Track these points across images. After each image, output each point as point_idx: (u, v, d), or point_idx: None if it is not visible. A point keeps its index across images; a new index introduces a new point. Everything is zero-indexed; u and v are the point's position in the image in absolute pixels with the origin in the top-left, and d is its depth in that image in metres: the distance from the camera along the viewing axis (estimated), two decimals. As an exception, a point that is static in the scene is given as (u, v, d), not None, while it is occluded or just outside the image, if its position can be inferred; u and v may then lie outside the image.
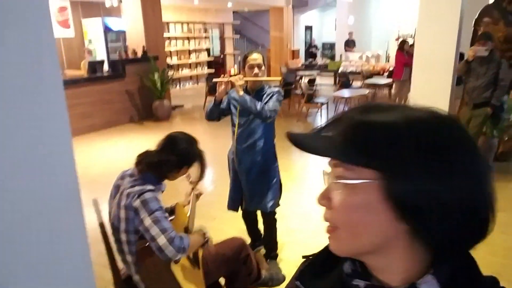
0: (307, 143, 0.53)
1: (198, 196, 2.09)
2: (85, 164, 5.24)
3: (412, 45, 7.67)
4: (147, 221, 1.54)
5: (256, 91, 2.51)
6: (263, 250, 2.93)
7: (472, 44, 5.12)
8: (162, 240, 1.51)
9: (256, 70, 2.44)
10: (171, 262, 1.58)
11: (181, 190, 2.23)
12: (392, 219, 0.48)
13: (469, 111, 4.26)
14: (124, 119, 7.52)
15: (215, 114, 2.56)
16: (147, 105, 7.83)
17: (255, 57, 2.44)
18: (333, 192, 0.52)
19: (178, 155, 1.75)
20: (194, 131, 2.67)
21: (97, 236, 1.73)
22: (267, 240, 2.83)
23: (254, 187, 2.59)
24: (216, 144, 6.53)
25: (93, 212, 1.76)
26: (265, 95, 2.48)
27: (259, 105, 2.36)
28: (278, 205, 2.69)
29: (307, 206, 3.80)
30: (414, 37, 6.69)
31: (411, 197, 0.47)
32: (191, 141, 1.84)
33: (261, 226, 2.93)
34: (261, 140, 2.56)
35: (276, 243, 2.84)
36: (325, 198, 0.53)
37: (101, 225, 1.65)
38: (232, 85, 2.44)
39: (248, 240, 2.96)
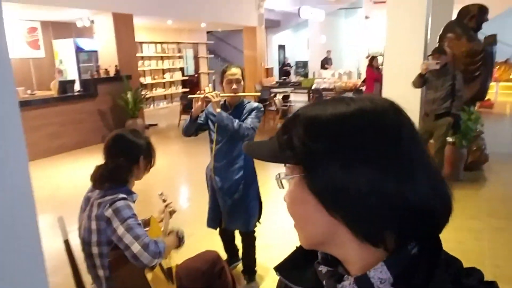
0: (252, 150, 0.58)
1: (171, 213, 2.02)
2: (54, 186, 5.04)
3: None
4: (120, 230, 1.48)
5: (235, 106, 2.45)
6: (240, 266, 2.86)
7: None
8: (136, 247, 1.45)
9: (234, 85, 2.37)
10: (145, 274, 1.50)
11: (155, 206, 2.16)
12: (323, 211, 0.49)
13: (432, 122, 4.39)
14: (96, 139, 7.32)
15: (192, 130, 2.49)
16: (120, 124, 7.68)
17: (234, 72, 2.38)
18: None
19: (124, 155, 1.69)
20: (169, 150, 2.65)
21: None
22: (246, 258, 2.75)
23: (233, 206, 2.51)
24: (192, 162, 6.46)
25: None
26: (244, 111, 2.43)
27: (236, 123, 2.30)
28: (258, 223, 2.63)
29: (283, 221, 3.77)
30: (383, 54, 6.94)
31: (327, 190, 0.48)
32: (132, 134, 1.77)
33: (238, 242, 2.87)
34: (240, 157, 2.49)
35: (255, 260, 2.76)
36: (285, 196, 0.55)
37: (66, 242, 1.57)
38: (208, 101, 2.38)
39: (223, 255, 2.89)
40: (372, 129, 0.48)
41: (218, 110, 2.31)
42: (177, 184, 5.35)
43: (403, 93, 4.55)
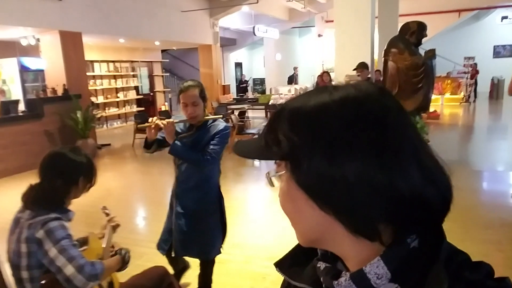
0: (239, 149, 0.55)
1: (114, 228, 1.92)
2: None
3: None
4: (53, 252, 1.37)
5: (198, 127, 2.21)
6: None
7: (384, 71, 5.61)
8: (69, 269, 1.34)
9: (189, 109, 2.11)
10: None
11: (98, 221, 2.03)
12: (315, 207, 0.48)
13: None
14: (43, 162, 6.95)
15: (151, 150, 2.24)
16: (69, 145, 7.34)
17: (190, 94, 2.10)
18: None
19: (63, 176, 1.56)
20: (124, 170, 2.54)
21: None
22: (201, 281, 2.54)
23: (188, 233, 2.29)
24: (147, 181, 6.26)
25: None
26: (208, 132, 2.19)
27: (193, 156, 2.11)
28: (219, 251, 2.43)
29: (238, 236, 3.71)
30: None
31: (315, 184, 0.46)
32: (72, 152, 1.63)
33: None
34: (204, 182, 2.28)
35: (210, 283, 2.58)
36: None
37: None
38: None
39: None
40: (355, 117, 0.45)
41: (171, 141, 2.10)
42: (132, 205, 5.15)
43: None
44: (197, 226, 2.29)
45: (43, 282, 1.37)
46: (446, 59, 14.48)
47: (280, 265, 0.61)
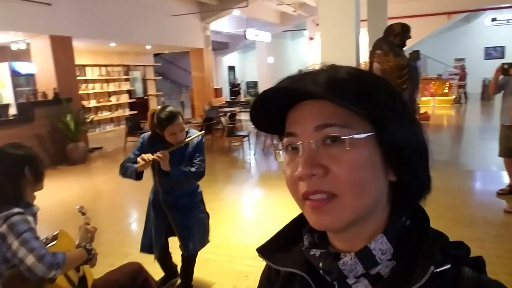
0: (301, 87, 0.49)
1: (89, 229, 1.91)
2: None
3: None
4: (15, 245, 1.41)
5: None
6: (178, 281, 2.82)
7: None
8: (30, 259, 1.39)
9: (179, 135, 2.31)
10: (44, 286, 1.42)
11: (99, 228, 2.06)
12: (384, 172, 0.50)
13: None
14: (34, 166, 6.96)
15: (141, 178, 2.39)
16: (60, 149, 7.34)
17: (178, 123, 2.28)
18: (329, 156, 0.48)
19: (5, 172, 1.58)
20: (115, 173, 2.58)
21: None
22: (184, 274, 2.72)
23: (186, 231, 2.51)
24: (137, 184, 6.27)
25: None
26: (188, 145, 2.40)
27: (191, 173, 2.33)
28: (203, 245, 2.64)
29: (222, 235, 3.75)
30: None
31: (399, 144, 0.49)
32: (11, 147, 1.64)
33: (175, 259, 2.84)
34: (187, 184, 2.50)
35: (192, 274, 2.74)
36: (318, 167, 0.48)
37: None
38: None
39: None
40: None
41: (168, 168, 2.29)
42: (122, 207, 5.17)
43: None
44: (190, 226, 2.50)
45: (6, 273, 1.41)
46: (437, 61, 14.62)
47: (263, 251, 0.61)
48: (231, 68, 19.08)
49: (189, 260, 2.65)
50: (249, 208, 4.77)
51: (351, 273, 0.50)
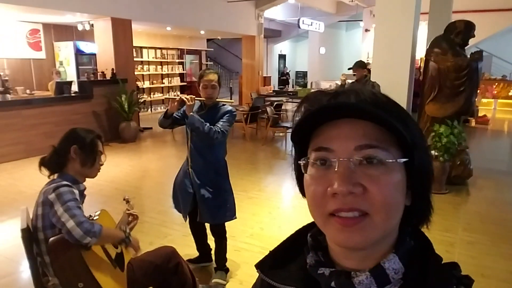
0: (367, 107, 0.51)
1: (132, 219, 2.03)
2: (42, 183, 5.13)
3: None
4: (60, 211, 1.59)
5: (210, 107, 2.60)
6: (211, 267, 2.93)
7: (424, 72, 5.43)
8: (70, 223, 1.55)
9: (209, 90, 2.52)
10: (83, 258, 1.57)
11: (145, 207, 2.21)
12: (403, 198, 0.52)
13: None
14: (90, 141, 7.45)
15: (166, 124, 2.63)
16: (114, 126, 7.79)
17: (210, 78, 2.52)
18: (367, 176, 0.49)
19: (60, 142, 1.84)
20: (162, 153, 2.75)
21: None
22: (217, 256, 2.84)
23: (208, 201, 2.63)
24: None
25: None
26: (218, 113, 2.57)
27: (206, 127, 2.44)
28: (232, 217, 2.74)
29: (257, 226, 3.82)
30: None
31: (423, 170, 0.53)
32: (82, 130, 1.90)
33: (210, 241, 2.95)
34: (213, 154, 2.63)
35: (224, 255, 2.85)
36: (358, 185, 0.49)
37: (23, 231, 1.64)
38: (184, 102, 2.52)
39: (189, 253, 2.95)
40: None
41: (190, 113, 2.46)
42: (165, 187, 5.40)
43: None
44: (213, 194, 2.62)
45: (50, 240, 1.58)
46: (504, 60, 13.58)
47: (261, 266, 0.62)
48: (282, 57, 18.96)
49: (218, 230, 2.77)
50: (287, 201, 4.81)
51: None
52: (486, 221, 4.04)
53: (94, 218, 1.74)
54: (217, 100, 2.62)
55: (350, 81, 8.77)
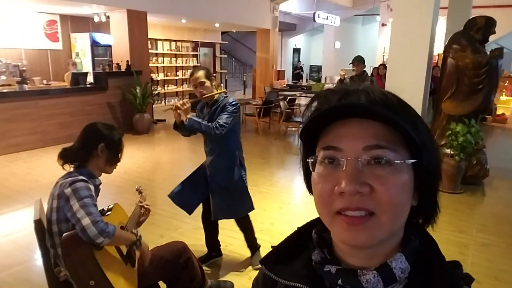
0: (365, 107, 0.51)
1: (144, 212, 2.04)
2: (57, 173, 5.22)
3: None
4: (75, 206, 1.60)
5: (211, 104, 2.62)
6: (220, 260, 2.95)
7: (442, 68, 5.32)
8: (86, 221, 1.55)
9: (199, 88, 2.54)
10: (94, 255, 1.58)
11: (157, 199, 2.23)
12: (410, 198, 0.53)
13: None
14: (104, 132, 7.53)
15: (183, 133, 2.68)
16: (128, 118, 7.86)
17: (196, 76, 2.55)
18: (375, 176, 0.49)
19: (85, 138, 1.84)
20: (175, 146, 2.75)
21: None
22: (246, 237, 2.93)
23: (223, 197, 2.66)
24: (194, 159, 6.55)
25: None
26: (219, 107, 2.57)
27: (203, 125, 2.47)
28: (251, 207, 2.78)
29: (268, 221, 3.82)
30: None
31: (431, 171, 0.53)
32: (103, 125, 1.90)
33: (220, 236, 2.99)
34: (224, 149, 2.65)
35: (253, 237, 2.94)
36: (365, 185, 0.49)
37: (36, 222, 1.67)
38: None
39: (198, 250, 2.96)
40: None
41: (189, 116, 2.48)
42: (177, 180, 5.41)
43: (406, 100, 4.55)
44: (226, 189, 2.66)
45: (64, 235, 1.59)
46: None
47: (266, 262, 0.62)
48: (296, 51, 18.81)
49: (243, 222, 2.83)
50: (298, 197, 4.79)
51: None
52: (502, 223, 3.95)
53: (107, 213, 1.75)
54: (212, 93, 2.60)
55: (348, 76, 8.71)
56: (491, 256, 3.23)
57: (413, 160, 0.51)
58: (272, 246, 0.65)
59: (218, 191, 2.67)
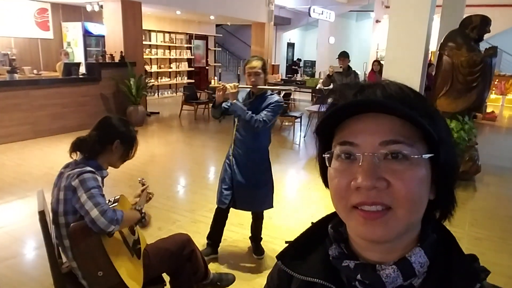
0: (381, 101, 0.51)
1: (148, 197, 2.07)
2: (50, 164, 5.16)
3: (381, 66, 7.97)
4: (83, 198, 1.59)
5: (257, 96, 2.62)
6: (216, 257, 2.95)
7: (437, 66, 5.37)
8: (94, 212, 1.55)
9: (252, 78, 2.53)
10: (103, 244, 1.58)
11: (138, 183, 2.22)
12: (427, 192, 0.52)
13: None
14: (97, 123, 7.44)
15: (218, 114, 2.65)
16: (122, 110, 7.78)
17: (253, 65, 2.53)
18: (391, 171, 0.49)
19: (101, 131, 1.83)
20: (169, 139, 2.73)
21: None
22: (254, 231, 3.02)
23: (244, 189, 2.69)
24: (190, 152, 6.53)
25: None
26: (264, 102, 2.58)
27: (248, 115, 2.48)
28: (271, 205, 2.85)
29: (265, 215, 3.82)
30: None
31: (448, 165, 0.52)
32: (119, 120, 1.89)
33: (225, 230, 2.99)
34: (256, 143, 2.68)
35: (260, 232, 3.04)
36: (382, 180, 0.49)
37: (40, 213, 1.65)
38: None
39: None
40: None
41: (234, 101, 2.50)
42: (173, 173, 5.44)
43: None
44: (253, 183, 2.69)
45: (71, 226, 1.58)
46: (513, 56, 13.40)
47: (282, 257, 0.62)
48: (290, 45, 18.78)
49: (258, 218, 2.92)
50: (294, 191, 4.82)
51: (390, 284, 0.52)
52: (493, 218, 4.04)
53: (114, 204, 1.74)
54: (263, 88, 2.61)
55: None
56: (484, 250, 3.30)
57: (430, 155, 0.51)
58: (286, 242, 0.65)
59: (241, 184, 2.69)
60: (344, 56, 5.96)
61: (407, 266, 0.52)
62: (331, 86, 6.07)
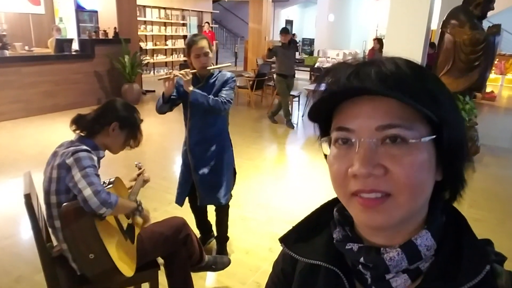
0: (380, 89, 0.46)
1: (145, 182, 2.02)
2: (45, 143, 5.06)
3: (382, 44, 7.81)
4: (77, 176, 1.53)
5: (206, 77, 2.37)
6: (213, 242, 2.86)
7: (439, 44, 5.25)
8: (87, 191, 1.49)
9: (203, 59, 2.28)
10: (96, 226, 1.52)
11: (133, 164, 2.15)
12: (432, 174, 0.49)
13: (285, 80, 6.32)
14: (91, 101, 7.26)
15: (166, 109, 2.39)
16: (116, 88, 7.63)
17: (202, 45, 2.27)
18: (389, 156, 0.46)
19: (101, 112, 1.79)
20: (165, 118, 2.61)
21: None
22: (218, 229, 2.74)
23: (207, 181, 2.46)
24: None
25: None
26: (216, 82, 2.37)
27: (211, 100, 2.26)
28: (231, 196, 2.61)
29: (264, 196, 3.79)
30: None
31: (454, 145, 0.49)
32: (122, 104, 1.85)
33: (210, 217, 2.83)
34: (215, 131, 2.45)
35: (226, 230, 2.76)
36: (379, 167, 0.46)
37: (26, 196, 1.57)
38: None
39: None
40: None
41: (191, 88, 2.24)
42: (168, 153, 5.36)
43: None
44: (213, 174, 2.47)
45: (63, 206, 1.52)
46: (514, 35, 13.19)
47: (285, 240, 0.61)
48: (289, 23, 18.41)
49: (222, 212, 2.66)
50: (292, 171, 4.76)
51: (395, 268, 0.50)
52: (492, 199, 4.02)
53: (108, 186, 1.68)
54: (211, 68, 2.36)
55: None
56: (483, 231, 3.24)
57: (431, 137, 0.48)
58: (295, 226, 0.64)
59: (202, 178, 2.45)
60: (285, 32, 6.39)
61: (412, 249, 0.50)
62: (273, 59, 6.47)
